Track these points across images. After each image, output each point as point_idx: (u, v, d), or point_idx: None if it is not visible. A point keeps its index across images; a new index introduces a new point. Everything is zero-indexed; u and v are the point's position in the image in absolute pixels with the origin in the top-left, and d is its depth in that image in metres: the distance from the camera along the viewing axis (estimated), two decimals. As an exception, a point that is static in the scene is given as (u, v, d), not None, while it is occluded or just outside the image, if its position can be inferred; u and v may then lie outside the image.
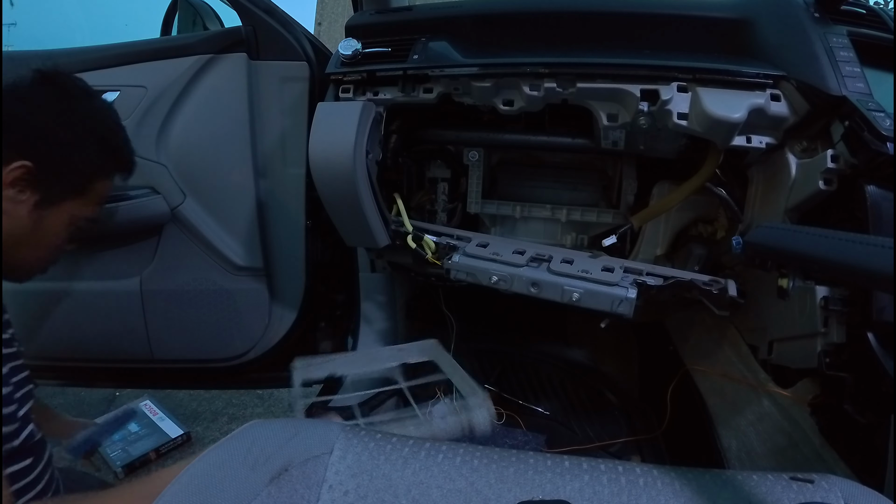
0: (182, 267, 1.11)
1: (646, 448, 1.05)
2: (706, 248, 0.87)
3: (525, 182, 1.04)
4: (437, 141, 1.00)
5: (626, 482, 0.39)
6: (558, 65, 0.76)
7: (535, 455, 0.42)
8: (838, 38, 0.70)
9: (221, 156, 1.07)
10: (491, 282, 0.81)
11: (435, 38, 0.86)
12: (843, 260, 0.37)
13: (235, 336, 1.17)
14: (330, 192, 0.87)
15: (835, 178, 0.65)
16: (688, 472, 0.40)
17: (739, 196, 0.81)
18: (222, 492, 0.36)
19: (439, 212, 1.05)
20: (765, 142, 0.72)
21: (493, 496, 0.37)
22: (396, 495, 0.37)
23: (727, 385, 0.88)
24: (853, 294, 0.62)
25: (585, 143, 0.88)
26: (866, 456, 0.60)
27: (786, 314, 0.71)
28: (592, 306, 0.76)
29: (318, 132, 0.84)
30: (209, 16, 1.46)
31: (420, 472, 0.38)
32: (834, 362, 0.63)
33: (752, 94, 0.69)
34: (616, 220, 0.96)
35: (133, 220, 1.05)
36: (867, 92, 0.64)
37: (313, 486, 0.37)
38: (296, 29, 1.04)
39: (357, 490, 0.37)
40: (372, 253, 1.06)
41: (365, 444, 0.40)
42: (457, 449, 0.41)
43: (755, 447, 0.80)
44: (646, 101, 0.72)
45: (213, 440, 0.44)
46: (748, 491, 0.39)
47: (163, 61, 1.03)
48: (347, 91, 0.89)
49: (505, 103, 0.82)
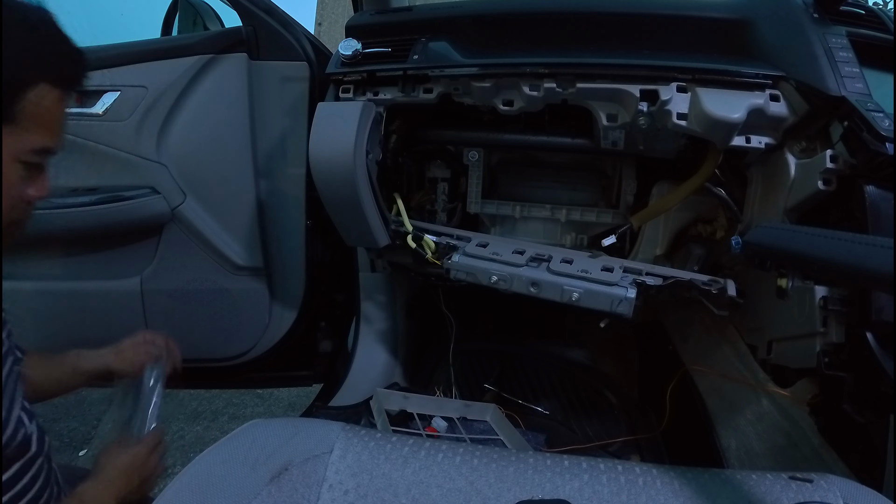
0: (182, 267, 1.11)
1: (645, 447, 1.05)
2: (705, 248, 0.87)
3: (525, 182, 1.04)
4: (437, 141, 1.00)
5: (625, 481, 0.39)
6: (558, 65, 0.76)
7: (535, 454, 0.42)
8: (837, 38, 0.70)
9: (222, 156, 1.07)
10: (491, 281, 0.81)
11: (435, 39, 0.86)
12: (843, 260, 0.37)
13: (236, 335, 1.17)
14: (330, 191, 0.87)
15: (834, 178, 0.65)
16: (687, 472, 0.40)
17: (739, 196, 0.81)
18: (223, 490, 0.36)
19: (439, 212, 1.05)
20: (764, 142, 0.72)
21: (493, 495, 0.37)
22: (396, 494, 0.37)
23: (726, 385, 0.88)
24: (852, 294, 0.63)
25: (585, 143, 0.88)
26: (865, 455, 0.60)
27: (785, 314, 0.71)
28: (592, 306, 0.76)
29: (318, 132, 0.84)
30: (209, 16, 1.46)
31: (420, 472, 0.38)
32: (833, 362, 0.64)
33: (752, 95, 0.69)
34: (615, 220, 0.96)
35: (133, 219, 1.05)
36: (866, 92, 0.64)
37: (313, 486, 0.37)
38: (296, 29, 1.04)
39: (357, 489, 0.37)
40: (372, 253, 1.06)
41: (365, 443, 0.40)
42: (456, 448, 0.41)
43: (754, 447, 0.80)
44: (645, 101, 0.72)
45: (213, 439, 0.45)
46: (747, 490, 0.39)
47: (163, 61, 1.03)
48: (347, 91, 0.89)
49: (505, 103, 0.82)
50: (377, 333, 1.16)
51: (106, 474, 0.67)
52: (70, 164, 1.06)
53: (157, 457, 0.73)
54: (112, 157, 1.04)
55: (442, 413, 0.98)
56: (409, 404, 0.98)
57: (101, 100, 1.03)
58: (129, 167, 1.04)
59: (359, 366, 1.13)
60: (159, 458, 0.74)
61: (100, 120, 1.03)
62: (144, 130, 1.03)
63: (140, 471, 0.70)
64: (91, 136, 1.04)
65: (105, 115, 1.03)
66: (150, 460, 0.72)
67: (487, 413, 0.99)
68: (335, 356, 1.24)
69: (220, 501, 0.36)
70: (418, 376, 1.24)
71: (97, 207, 1.02)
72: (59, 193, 1.05)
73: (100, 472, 0.67)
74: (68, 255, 1.09)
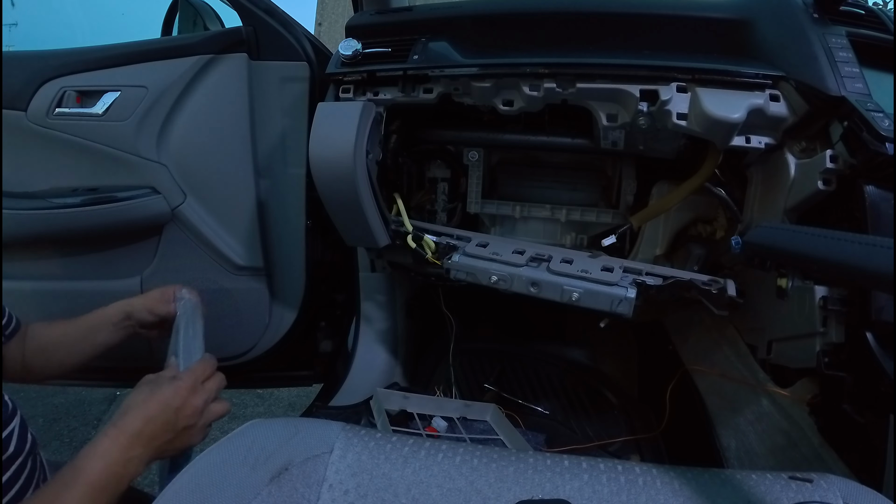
0: (183, 266, 1.11)
1: (645, 447, 1.05)
2: (705, 248, 0.87)
3: (525, 182, 1.04)
4: (437, 141, 1.00)
5: (625, 481, 0.39)
6: (558, 65, 0.76)
7: (535, 454, 0.42)
8: (837, 38, 0.70)
9: (222, 156, 1.07)
10: (491, 281, 0.81)
11: (435, 39, 0.86)
12: (843, 260, 0.37)
13: (236, 335, 1.17)
14: (330, 192, 0.87)
15: (833, 178, 0.65)
16: (687, 472, 0.40)
17: (738, 196, 0.81)
18: (223, 490, 0.37)
19: (439, 212, 1.05)
20: (764, 142, 0.72)
21: (493, 495, 0.37)
22: (396, 494, 0.37)
23: (726, 385, 0.88)
24: (852, 294, 0.63)
25: (585, 143, 0.88)
26: (865, 455, 0.60)
27: (785, 314, 0.71)
28: (592, 306, 0.76)
29: (318, 132, 0.84)
30: (210, 16, 1.46)
31: (420, 472, 0.38)
32: (833, 362, 0.64)
33: (752, 95, 0.69)
34: (615, 220, 0.96)
35: (133, 219, 1.05)
36: (866, 92, 0.64)
37: (313, 485, 0.37)
38: (296, 29, 1.04)
39: (357, 489, 0.37)
40: (372, 253, 1.06)
41: (365, 443, 0.40)
42: (456, 448, 0.41)
43: (754, 446, 0.80)
44: (645, 101, 0.72)
45: (213, 439, 0.42)
46: (747, 490, 0.39)
47: (163, 61, 1.03)
48: (348, 91, 0.89)
49: (505, 103, 0.82)
50: (377, 333, 1.16)
51: (131, 417, 0.50)
52: (70, 164, 1.06)
53: (203, 396, 0.55)
54: (112, 157, 1.04)
55: (442, 413, 0.98)
56: (409, 404, 0.98)
57: (101, 100, 1.04)
58: (129, 167, 1.04)
59: (359, 366, 1.13)
60: (209, 399, 0.56)
61: (100, 120, 1.03)
62: (145, 130, 1.03)
63: (180, 413, 0.52)
64: (91, 136, 1.04)
65: (105, 115, 1.03)
66: (194, 399, 0.54)
67: (487, 413, 0.99)
68: (335, 356, 1.24)
69: (220, 501, 0.36)
70: (418, 376, 1.24)
71: (97, 207, 1.02)
72: (59, 193, 1.06)
73: (124, 414, 0.51)
74: (68, 255, 1.09)
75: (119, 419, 0.51)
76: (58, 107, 1.04)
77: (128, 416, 0.51)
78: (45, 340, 0.77)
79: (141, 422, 0.50)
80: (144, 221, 1.07)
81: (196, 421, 0.55)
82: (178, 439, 0.53)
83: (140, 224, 1.07)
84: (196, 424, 0.55)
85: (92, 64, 1.05)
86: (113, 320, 0.78)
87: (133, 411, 0.51)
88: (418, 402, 0.99)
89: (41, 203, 1.03)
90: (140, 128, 1.03)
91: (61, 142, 1.04)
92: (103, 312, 0.79)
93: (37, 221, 1.02)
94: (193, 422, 0.54)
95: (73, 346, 0.78)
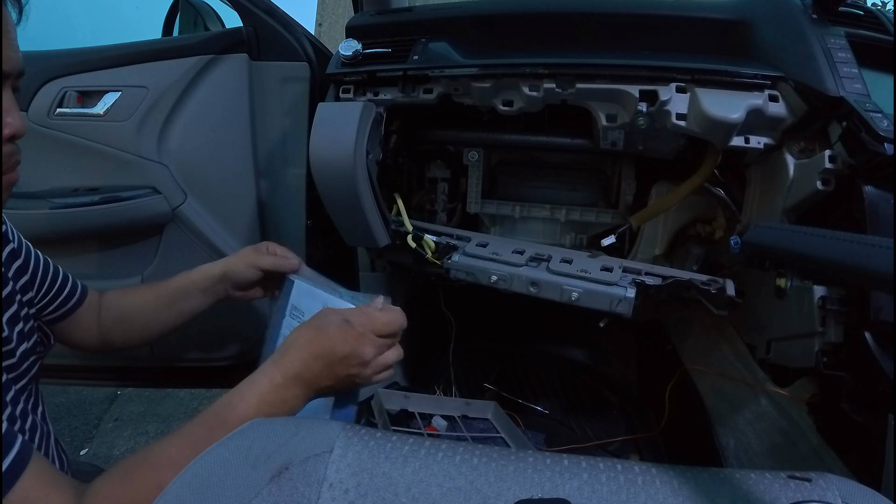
0: (183, 266, 1.09)
1: (644, 447, 1.06)
2: (704, 248, 0.87)
3: (524, 182, 1.04)
4: (437, 141, 1.00)
5: (624, 480, 0.39)
6: (558, 65, 0.76)
7: (534, 454, 0.42)
8: (836, 39, 0.70)
9: (222, 156, 1.07)
10: (490, 281, 0.81)
11: (435, 39, 0.86)
12: (842, 260, 0.37)
13: (236, 335, 1.17)
14: (330, 192, 0.87)
15: (832, 178, 0.65)
16: (686, 471, 0.41)
17: (738, 196, 0.81)
18: (223, 490, 0.37)
19: (439, 212, 1.05)
20: (763, 142, 0.72)
21: (493, 494, 0.37)
22: (396, 493, 0.37)
23: (725, 384, 0.88)
24: (851, 294, 0.63)
25: (584, 143, 0.88)
26: (864, 455, 0.60)
27: (784, 314, 0.71)
28: (591, 306, 0.76)
29: (318, 132, 0.84)
30: (210, 16, 1.46)
31: (420, 471, 0.38)
32: (831, 361, 0.64)
33: (751, 95, 0.69)
34: (615, 220, 0.96)
35: (134, 219, 1.05)
36: (865, 93, 0.64)
37: (314, 485, 0.37)
38: (296, 29, 1.04)
39: (357, 488, 0.37)
40: (372, 253, 1.06)
41: (365, 442, 0.41)
42: (456, 447, 0.41)
43: (753, 446, 0.80)
44: (644, 101, 0.72)
45: None
46: (746, 489, 0.39)
47: (164, 62, 1.04)
48: (348, 91, 0.89)
49: (504, 104, 0.82)
50: (377, 333, 1.16)
51: (291, 358, 0.47)
52: (71, 165, 1.06)
53: (374, 348, 0.49)
54: (113, 157, 1.04)
55: (443, 411, 0.98)
56: (410, 403, 0.98)
57: (102, 100, 1.04)
58: (129, 167, 1.04)
59: (359, 365, 1.13)
60: (379, 352, 0.50)
61: (101, 120, 1.03)
62: (145, 130, 1.03)
63: (345, 361, 0.48)
64: (92, 136, 1.04)
65: (106, 116, 1.03)
66: (362, 349, 0.48)
67: (488, 410, 1.00)
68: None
69: (220, 501, 0.36)
70: (418, 376, 1.24)
71: (98, 207, 1.03)
72: (60, 193, 1.06)
73: (284, 353, 0.47)
74: (69, 255, 1.09)
75: (279, 357, 0.48)
76: (59, 107, 1.05)
77: (287, 357, 0.48)
78: (126, 310, 0.75)
79: (300, 364, 0.47)
80: (145, 221, 1.07)
81: (362, 371, 0.50)
82: (342, 384, 0.49)
83: (141, 224, 1.07)
84: (361, 374, 0.50)
85: (93, 64, 1.06)
86: (201, 286, 0.74)
87: (293, 351, 0.48)
88: (419, 401, 0.99)
89: (42, 203, 1.03)
90: (141, 128, 1.03)
91: (62, 142, 1.04)
92: (187, 278, 0.74)
93: (37, 221, 1.02)
94: (359, 371, 0.50)
95: (156, 315, 0.74)
